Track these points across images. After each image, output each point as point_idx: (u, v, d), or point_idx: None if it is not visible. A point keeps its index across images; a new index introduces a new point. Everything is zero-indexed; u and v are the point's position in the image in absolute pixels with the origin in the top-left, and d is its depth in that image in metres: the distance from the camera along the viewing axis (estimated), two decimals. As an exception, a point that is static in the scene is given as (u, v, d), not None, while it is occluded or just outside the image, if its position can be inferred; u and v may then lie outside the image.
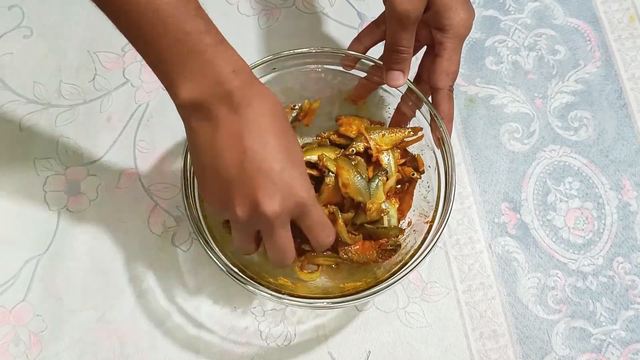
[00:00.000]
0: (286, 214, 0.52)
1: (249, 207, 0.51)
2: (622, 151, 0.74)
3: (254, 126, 0.50)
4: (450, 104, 0.63)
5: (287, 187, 0.50)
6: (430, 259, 0.70)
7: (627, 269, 0.70)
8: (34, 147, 0.73)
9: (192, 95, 0.50)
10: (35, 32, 0.77)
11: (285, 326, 0.68)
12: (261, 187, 0.50)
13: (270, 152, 0.50)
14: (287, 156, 0.51)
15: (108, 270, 0.69)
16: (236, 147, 0.50)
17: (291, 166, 0.51)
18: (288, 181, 0.50)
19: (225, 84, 0.50)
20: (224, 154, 0.50)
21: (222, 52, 0.50)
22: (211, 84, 0.50)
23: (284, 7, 0.80)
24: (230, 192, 0.51)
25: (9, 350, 0.66)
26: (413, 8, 0.58)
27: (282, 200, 0.50)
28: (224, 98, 0.50)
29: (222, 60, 0.50)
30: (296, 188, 0.51)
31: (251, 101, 0.50)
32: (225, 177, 0.51)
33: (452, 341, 0.67)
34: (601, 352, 0.68)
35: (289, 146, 0.52)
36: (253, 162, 0.50)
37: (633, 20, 0.80)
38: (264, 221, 0.51)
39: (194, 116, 0.51)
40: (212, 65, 0.50)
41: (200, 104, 0.50)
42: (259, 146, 0.50)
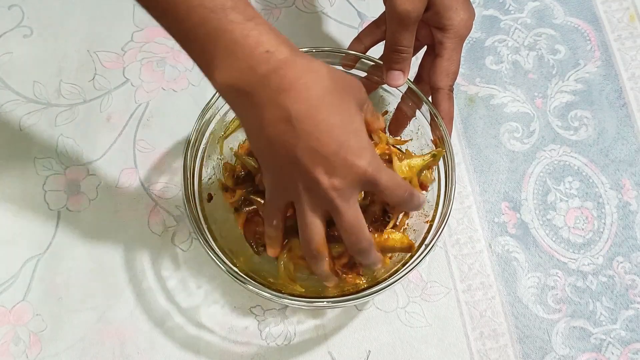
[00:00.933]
0: (349, 188, 0.49)
1: (310, 187, 0.49)
2: (622, 151, 0.74)
3: (301, 108, 0.47)
4: (450, 103, 0.63)
5: (345, 161, 0.48)
6: (430, 259, 0.70)
7: (627, 269, 0.70)
8: (34, 147, 0.73)
9: (228, 80, 0.47)
10: (35, 32, 0.77)
11: (285, 326, 0.68)
12: (317, 166, 0.48)
13: (324, 131, 0.47)
14: (343, 130, 0.48)
15: (108, 270, 0.69)
16: (288, 133, 0.47)
17: (348, 139, 0.48)
18: (345, 155, 0.48)
19: (259, 66, 0.46)
20: (277, 141, 0.48)
21: (252, 30, 0.47)
22: (245, 66, 0.47)
23: (283, 6, 0.80)
24: (291, 177, 0.49)
25: (9, 350, 0.66)
26: (413, 8, 0.58)
27: (343, 175, 0.48)
28: (261, 82, 0.47)
29: (253, 39, 0.46)
30: (355, 159, 0.48)
31: (292, 82, 0.47)
32: (282, 164, 0.49)
33: (452, 341, 0.67)
34: (601, 351, 0.68)
35: (346, 119, 0.49)
36: (307, 144, 0.47)
37: (633, 20, 0.80)
38: (325, 198, 0.49)
39: (238, 103, 0.49)
40: (241, 46, 0.46)
41: (237, 90, 0.47)
42: (310, 127, 0.47)
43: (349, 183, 0.49)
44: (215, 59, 0.47)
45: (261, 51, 0.47)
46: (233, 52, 0.47)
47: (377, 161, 0.50)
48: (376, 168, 0.50)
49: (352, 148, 0.49)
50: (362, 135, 0.50)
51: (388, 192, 0.51)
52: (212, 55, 0.47)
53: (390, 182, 0.51)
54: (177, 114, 0.74)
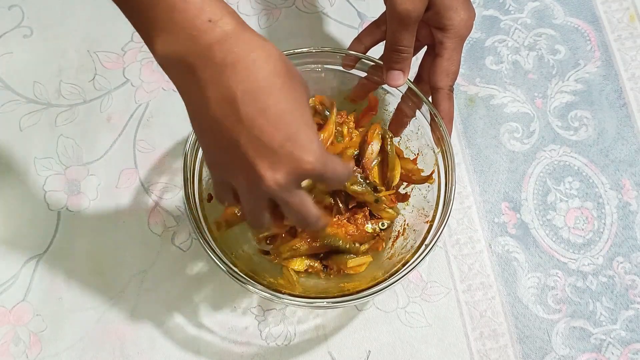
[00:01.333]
0: (293, 183, 0.46)
1: (253, 179, 0.45)
2: (622, 151, 0.74)
3: (248, 88, 0.43)
4: (450, 103, 0.63)
5: (292, 157, 0.45)
6: (430, 259, 0.70)
7: (627, 269, 0.70)
8: (34, 147, 0.73)
9: (168, 52, 0.44)
10: (35, 32, 0.77)
11: (285, 326, 0.68)
12: (262, 157, 0.44)
13: (270, 118, 0.44)
14: (292, 120, 0.45)
15: (108, 270, 0.69)
16: (231, 116, 0.44)
17: (295, 131, 0.45)
18: (292, 150, 0.44)
19: (201, 36, 0.43)
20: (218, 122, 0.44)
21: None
22: (185, 37, 0.43)
23: (284, 6, 0.80)
24: (233, 163, 0.46)
25: (9, 350, 0.66)
26: (414, 8, 0.58)
27: (287, 172, 0.45)
28: (204, 54, 0.43)
29: (194, 7, 0.43)
30: (302, 156, 0.45)
31: (238, 57, 0.43)
32: (224, 147, 0.45)
33: (452, 341, 0.67)
34: (601, 351, 0.68)
35: (294, 107, 0.45)
36: (251, 131, 0.44)
37: (633, 20, 0.80)
38: (269, 193, 0.46)
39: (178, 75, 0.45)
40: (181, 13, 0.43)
41: (179, 61, 0.44)
42: (255, 113, 0.43)
43: (293, 178, 0.46)
44: (154, 26, 0.44)
45: (203, 19, 0.43)
46: (172, 20, 0.43)
47: (324, 154, 0.46)
48: (323, 163, 0.46)
49: (300, 142, 0.45)
50: (311, 127, 0.46)
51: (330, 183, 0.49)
52: (151, 23, 0.44)
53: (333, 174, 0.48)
54: (177, 114, 0.74)
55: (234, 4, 0.79)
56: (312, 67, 0.66)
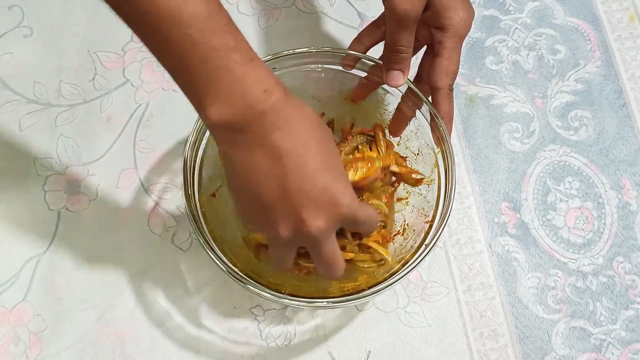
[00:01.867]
0: (332, 228, 0.51)
1: (293, 227, 0.50)
2: (622, 151, 0.74)
3: (291, 146, 0.48)
4: (450, 103, 0.63)
5: (331, 203, 0.50)
6: (430, 259, 0.70)
7: (627, 269, 0.70)
8: (34, 147, 0.73)
9: (223, 117, 0.48)
10: (35, 32, 0.77)
11: (285, 326, 0.68)
12: (305, 207, 0.49)
13: (311, 170, 0.49)
14: (328, 171, 0.50)
15: (108, 270, 0.69)
16: (275, 170, 0.48)
17: (333, 180, 0.50)
18: (331, 197, 0.49)
19: (256, 105, 0.47)
20: (263, 177, 0.49)
21: (252, 70, 0.48)
22: (242, 104, 0.47)
23: (284, 6, 0.80)
24: (273, 215, 0.50)
25: (9, 350, 0.66)
26: (412, 8, 0.58)
27: (327, 217, 0.50)
28: (257, 120, 0.48)
29: (253, 79, 0.48)
30: (340, 200, 0.50)
31: (286, 120, 0.48)
32: (266, 201, 0.49)
33: (452, 341, 0.67)
34: (601, 351, 0.68)
35: (330, 160, 0.50)
36: (295, 183, 0.48)
37: (633, 20, 0.80)
38: (308, 239, 0.51)
39: (227, 138, 0.49)
40: (241, 85, 0.47)
41: (232, 126, 0.48)
42: (298, 166, 0.48)
43: (332, 223, 0.51)
44: (211, 95, 0.47)
45: (260, 90, 0.48)
46: (232, 90, 0.47)
47: (356, 200, 0.52)
48: (357, 208, 0.52)
49: (337, 189, 0.50)
50: (344, 176, 0.52)
51: (364, 228, 0.55)
52: (208, 92, 0.47)
53: (367, 219, 0.54)
54: (177, 114, 0.74)
55: (233, 4, 0.79)
56: (312, 67, 0.66)
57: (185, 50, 0.46)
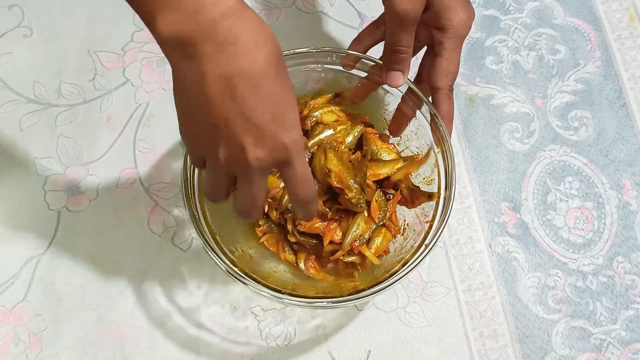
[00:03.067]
0: (269, 163, 0.48)
1: (233, 151, 0.47)
2: (622, 151, 0.74)
3: (246, 69, 0.45)
4: (450, 103, 0.63)
5: (276, 136, 0.47)
6: (430, 259, 0.70)
7: (627, 269, 0.70)
8: (34, 147, 0.73)
9: (172, 29, 0.45)
10: (35, 32, 0.77)
11: (285, 326, 0.68)
12: (248, 133, 0.46)
13: (262, 98, 0.46)
14: (281, 102, 0.47)
15: (108, 270, 0.69)
16: (226, 92, 0.46)
17: (283, 113, 0.47)
18: (277, 129, 0.47)
19: (205, 14, 0.45)
20: (211, 98, 0.46)
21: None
22: (190, 15, 0.45)
23: (284, 6, 0.80)
24: (215, 136, 0.48)
25: (9, 350, 0.66)
26: (412, 8, 0.58)
27: (269, 149, 0.47)
28: (207, 32, 0.45)
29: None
30: (285, 136, 0.47)
31: (240, 36, 0.45)
32: (212, 122, 0.47)
33: (452, 341, 0.67)
34: (601, 351, 0.68)
35: (284, 90, 0.48)
36: (243, 108, 0.46)
37: (633, 20, 0.80)
38: (244, 166, 0.48)
39: (177, 54, 0.47)
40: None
41: (181, 39, 0.45)
42: (250, 92, 0.46)
43: (271, 156, 0.48)
44: (157, 5, 0.46)
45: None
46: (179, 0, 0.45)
47: (301, 146, 0.49)
48: (298, 151, 0.49)
49: (284, 123, 0.48)
50: (295, 112, 0.49)
51: (295, 183, 0.51)
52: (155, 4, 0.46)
53: (303, 172, 0.50)
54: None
55: (234, 4, 0.79)
56: (312, 67, 0.66)
57: None
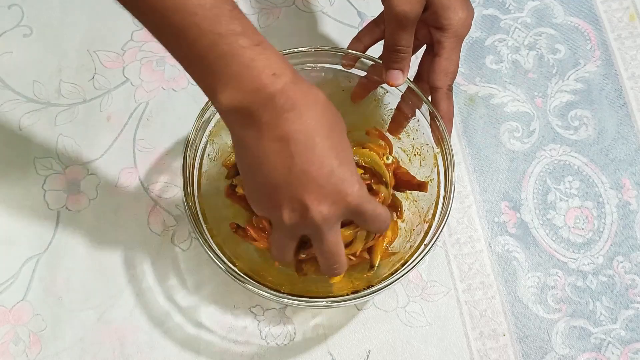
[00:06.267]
0: (336, 217, 0.50)
1: (297, 211, 0.49)
2: (622, 150, 0.74)
3: (300, 129, 0.48)
4: (449, 103, 0.63)
5: (336, 190, 0.49)
6: (430, 258, 0.70)
7: (627, 268, 0.70)
8: (34, 146, 0.73)
9: (233, 102, 0.48)
10: (35, 31, 0.77)
11: (285, 325, 0.68)
12: (309, 191, 0.49)
13: (318, 155, 0.48)
14: (336, 157, 0.49)
15: (108, 269, 0.69)
16: (283, 152, 0.48)
17: (340, 166, 0.49)
18: (336, 183, 0.49)
19: (266, 88, 0.48)
20: (270, 159, 0.49)
21: (260, 54, 0.48)
22: (251, 88, 0.48)
23: (283, 6, 0.79)
24: (278, 197, 0.50)
25: (9, 350, 0.66)
26: (411, 9, 0.58)
27: (331, 203, 0.49)
28: (267, 103, 0.48)
29: (261, 63, 0.48)
30: (346, 188, 0.49)
31: (295, 103, 0.48)
32: (273, 183, 0.49)
33: (452, 340, 0.67)
34: (601, 351, 0.68)
35: (338, 146, 0.50)
36: (301, 167, 0.48)
37: (633, 19, 0.80)
38: (311, 226, 0.50)
39: (238, 123, 0.49)
40: (249, 69, 0.47)
41: (242, 110, 0.48)
42: (305, 149, 0.48)
43: (336, 211, 0.50)
44: (221, 81, 0.48)
45: (268, 74, 0.48)
46: (240, 75, 0.47)
47: (365, 191, 0.51)
48: (364, 199, 0.51)
49: (343, 176, 0.49)
50: (353, 164, 0.51)
51: (370, 223, 0.53)
52: (218, 78, 0.48)
53: (374, 213, 0.52)
54: (177, 114, 0.74)
55: (233, 4, 0.79)
56: (311, 66, 0.66)
57: (193, 39, 0.47)
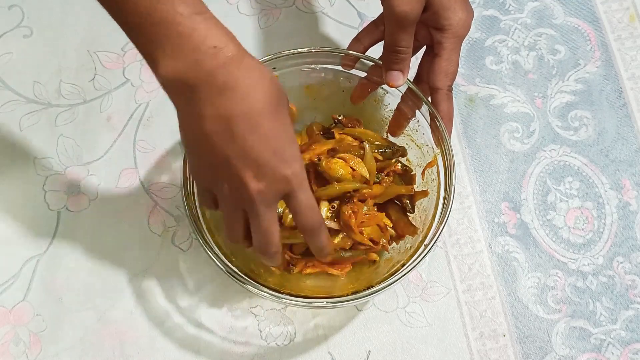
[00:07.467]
0: (272, 195, 0.49)
1: (236, 187, 0.49)
2: (622, 151, 0.74)
3: (243, 110, 0.47)
4: (449, 103, 0.63)
5: (275, 169, 0.48)
6: (430, 259, 0.70)
7: (627, 269, 0.70)
8: (34, 147, 0.73)
9: (172, 74, 0.47)
10: (35, 32, 0.77)
11: (285, 326, 0.68)
12: (249, 169, 0.48)
13: (261, 136, 0.48)
14: (278, 139, 0.49)
15: (108, 270, 0.69)
16: (224, 133, 0.47)
17: (282, 148, 0.49)
18: (276, 164, 0.48)
19: (205, 61, 0.46)
20: (212, 138, 0.48)
21: (200, 24, 0.46)
22: (191, 61, 0.46)
23: (284, 6, 0.80)
24: (218, 173, 0.49)
25: (9, 350, 0.66)
26: (411, 9, 0.58)
27: (269, 182, 0.49)
28: (207, 79, 0.46)
29: (201, 33, 0.46)
30: (285, 169, 0.49)
31: (237, 82, 0.47)
32: (213, 161, 0.49)
33: (452, 341, 0.67)
34: (601, 351, 0.68)
35: (281, 127, 0.49)
36: (242, 147, 0.48)
37: (633, 20, 0.80)
38: (249, 202, 0.49)
39: (177, 95, 0.49)
40: (188, 39, 0.46)
41: (182, 83, 0.47)
42: (248, 131, 0.47)
43: (273, 190, 0.49)
44: (159, 50, 0.47)
45: (209, 45, 0.46)
46: (179, 45, 0.46)
47: (303, 177, 0.51)
48: (300, 182, 0.50)
49: (284, 157, 0.49)
50: (295, 146, 0.50)
51: (300, 212, 0.52)
52: (156, 47, 0.47)
53: (306, 203, 0.51)
54: (177, 114, 0.74)
55: (233, 4, 0.79)
56: (312, 67, 0.66)
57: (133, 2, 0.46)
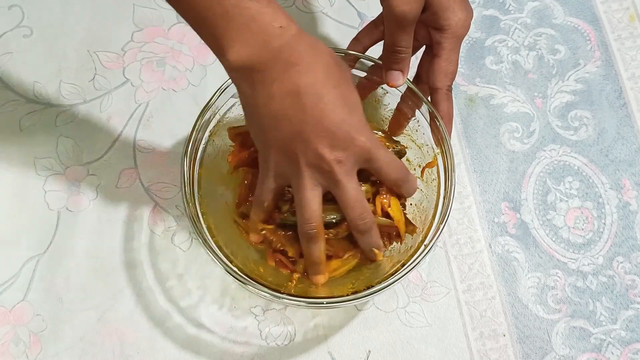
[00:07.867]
0: (350, 163, 0.52)
1: (314, 161, 0.51)
2: (622, 151, 0.74)
3: (309, 82, 0.50)
4: (449, 103, 0.63)
5: (348, 136, 0.51)
6: (430, 259, 0.70)
7: (627, 269, 0.70)
8: (34, 147, 0.73)
9: (242, 58, 0.49)
10: (35, 32, 0.77)
11: (285, 326, 0.68)
12: (324, 140, 0.50)
13: (329, 105, 0.50)
14: (345, 107, 0.51)
15: (108, 270, 0.69)
16: (295, 106, 0.50)
17: (349, 115, 0.51)
18: (348, 130, 0.51)
19: (273, 41, 0.49)
20: (283, 114, 0.50)
21: (266, 7, 0.50)
22: (259, 42, 0.49)
23: (283, 6, 0.79)
24: (294, 152, 0.51)
25: (9, 350, 0.66)
26: (410, 9, 0.58)
27: (344, 149, 0.51)
28: (274, 57, 0.49)
29: (267, 16, 0.49)
30: (357, 136, 0.51)
31: (302, 56, 0.50)
32: (286, 140, 0.51)
33: (452, 341, 0.67)
34: (601, 351, 0.68)
35: (347, 96, 0.52)
36: (313, 118, 0.50)
37: (633, 20, 0.80)
38: (328, 173, 0.52)
39: (245, 80, 0.51)
40: (256, 22, 0.49)
41: (250, 66, 0.50)
42: (317, 101, 0.50)
43: (351, 157, 0.52)
44: (228, 36, 0.49)
45: (275, 26, 0.49)
46: (249, 28, 0.49)
47: (375, 138, 0.53)
48: (375, 145, 0.53)
49: (353, 123, 0.52)
50: (361, 112, 0.53)
51: (385, 169, 0.54)
52: (225, 33, 0.49)
53: (387, 159, 0.54)
54: (177, 114, 0.74)
55: (233, 4, 0.79)
56: (311, 67, 0.66)
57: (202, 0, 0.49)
